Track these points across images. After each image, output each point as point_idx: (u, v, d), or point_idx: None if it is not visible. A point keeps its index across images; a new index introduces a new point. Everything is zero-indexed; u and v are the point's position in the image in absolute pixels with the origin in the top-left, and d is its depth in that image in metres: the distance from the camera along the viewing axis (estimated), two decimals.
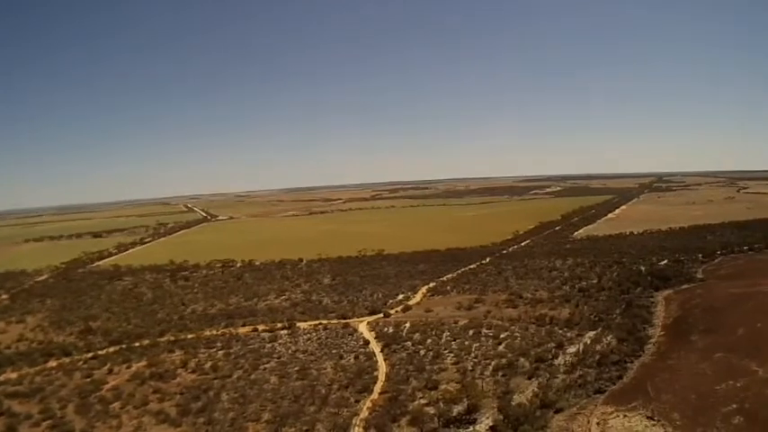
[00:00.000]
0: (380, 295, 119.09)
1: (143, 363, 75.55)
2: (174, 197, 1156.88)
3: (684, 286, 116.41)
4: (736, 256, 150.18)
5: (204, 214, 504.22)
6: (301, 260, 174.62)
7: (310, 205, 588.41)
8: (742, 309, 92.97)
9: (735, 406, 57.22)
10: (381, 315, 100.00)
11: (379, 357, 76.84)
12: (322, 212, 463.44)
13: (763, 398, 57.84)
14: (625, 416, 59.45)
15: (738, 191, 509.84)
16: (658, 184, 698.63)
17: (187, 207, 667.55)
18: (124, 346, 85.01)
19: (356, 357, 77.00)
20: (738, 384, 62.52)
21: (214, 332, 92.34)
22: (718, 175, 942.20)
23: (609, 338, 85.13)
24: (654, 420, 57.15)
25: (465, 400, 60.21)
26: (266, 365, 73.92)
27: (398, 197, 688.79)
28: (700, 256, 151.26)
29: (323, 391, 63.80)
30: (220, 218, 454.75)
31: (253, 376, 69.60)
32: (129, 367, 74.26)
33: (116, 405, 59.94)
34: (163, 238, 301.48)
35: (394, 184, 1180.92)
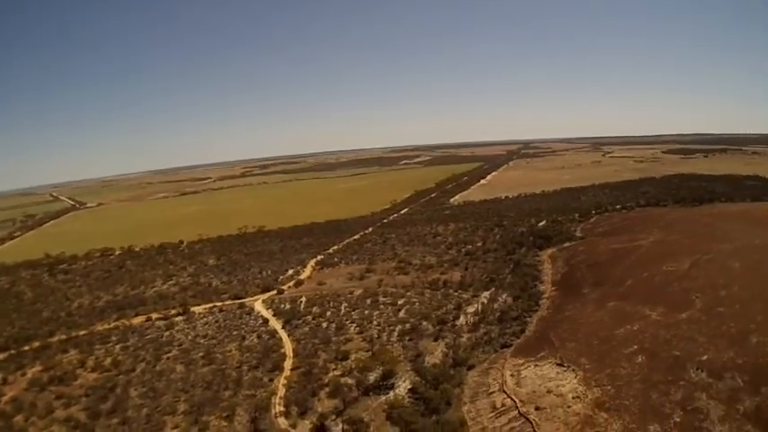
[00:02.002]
0: (270, 272, 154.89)
1: (38, 367, 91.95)
2: (36, 186, 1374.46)
3: (566, 244, 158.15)
4: (611, 214, 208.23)
5: (72, 202, 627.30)
6: (182, 242, 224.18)
7: (181, 186, 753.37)
8: (626, 262, 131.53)
9: (635, 347, 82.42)
10: (275, 292, 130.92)
11: (283, 334, 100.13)
12: (194, 192, 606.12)
13: (659, 337, 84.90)
14: (536, 365, 78.69)
15: (604, 155, 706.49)
16: (525, 151, 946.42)
17: (53, 196, 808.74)
18: (13, 351, 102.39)
19: (259, 337, 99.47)
20: (635, 328, 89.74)
21: (106, 326, 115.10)
22: (582, 141, 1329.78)
23: (504, 297, 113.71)
24: (564, 366, 76.89)
25: (379, 366, 79.92)
26: (169, 355, 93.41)
27: (270, 173, 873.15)
28: (576, 215, 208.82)
29: (234, 375, 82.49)
30: (89, 205, 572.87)
31: (157, 367, 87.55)
32: (23, 374, 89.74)
33: (19, 418, 72.55)
34: (33, 231, 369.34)
35: (264, 159, 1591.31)
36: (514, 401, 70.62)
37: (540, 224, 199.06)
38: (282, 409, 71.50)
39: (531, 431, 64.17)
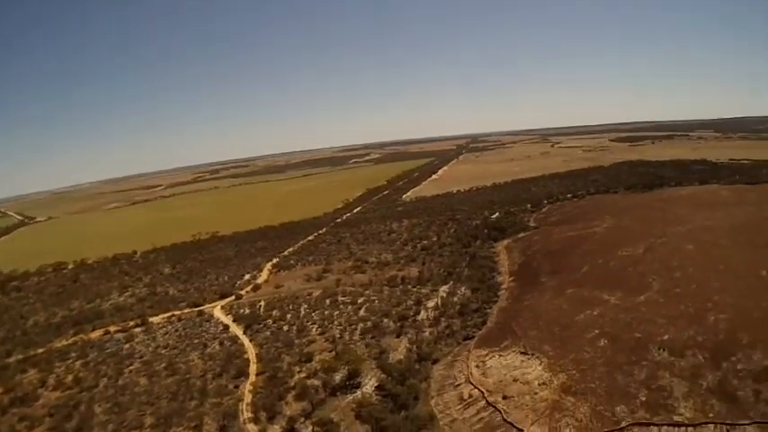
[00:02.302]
0: (226, 278, 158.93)
1: None
2: None
3: (521, 235, 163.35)
4: (562, 203, 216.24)
5: (20, 217, 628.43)
6: (135, 252, 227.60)
7: (131, 195, 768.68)
8: (581, 249, 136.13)
9: (597, 331, 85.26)
10: (233, 297, 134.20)
11: (244, 339, 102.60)
12: (146, 201, 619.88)
13: (619, 321, 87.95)
14: (500, 355, 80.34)
15: (552, 146, 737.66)
16: (475, 145, 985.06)
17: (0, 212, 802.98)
18: None
19: (221, 344, 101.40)
20: (595, 313, 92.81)
21: (65, 342, 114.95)
22: (531, 132, 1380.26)
23: (463, 289, 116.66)
24: (528, 354, 78.88)
25: (344, 366, 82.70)
26: (131, 368, 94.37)
27: (221, 177, 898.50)
28: (528, 206, 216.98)
29: (198, 384, 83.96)
30: (39, 219, 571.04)
31: (120, 382, 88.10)
32: None
33: None
34: None
35: (214, 164, 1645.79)
36: (482, 392, 71.93)
37: (494, 216, 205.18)
38: (251, 415, 72.98)
39: (500, 420, 65.38)
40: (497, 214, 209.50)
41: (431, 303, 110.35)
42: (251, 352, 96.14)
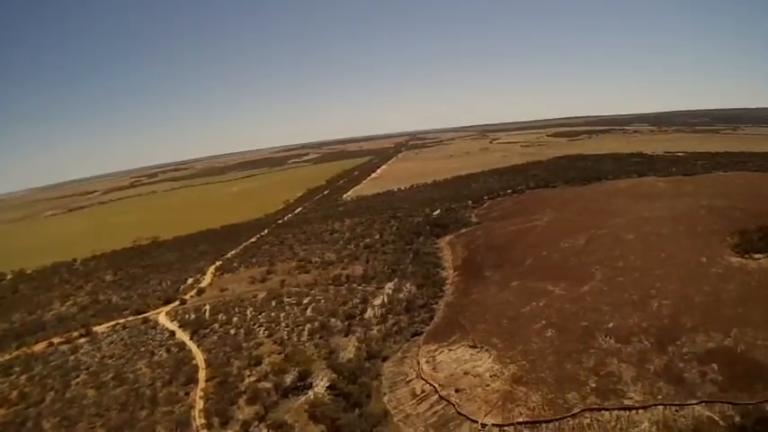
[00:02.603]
0: (169, 283, 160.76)
1: None
2: None
3: (463, 230, 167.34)
4: (503, 198, 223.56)
5: None
6: (75, 260, 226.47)
7: (68, 201, 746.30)
8: (523, 242, 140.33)
9: (544, 322, 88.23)
10: (178, 303, 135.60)
11: (192, 345, 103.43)
12: (83, 207, 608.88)
13: (565, 311, 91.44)
14: (450, 349, 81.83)
15: (491, 142, 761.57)
16: (414, 142, 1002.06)
17: None
18: None
19: (168, 351, 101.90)
20: (541, 304, 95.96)
21: (7, 356, 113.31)
22: (470, 129, 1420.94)
23: (408, 286, 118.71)
24: (477, 348, 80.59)
25: (294, 367, 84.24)
26: (78, 380, 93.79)
27: (159, 181, 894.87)
28: (469, 202, 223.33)
29: (148, 393, 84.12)
30: None
31: (68, 395, 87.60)
32: None
33: None
34: None
35: (151, 168, 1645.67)
36: (433, 386, 73.15)
37: (435, 213, 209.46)
38: (203, 421, 73.92)
39: (454, 413, 66.63)
40: (439, 211, 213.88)
41: (377, 301, 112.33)
42: (199, 357, 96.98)
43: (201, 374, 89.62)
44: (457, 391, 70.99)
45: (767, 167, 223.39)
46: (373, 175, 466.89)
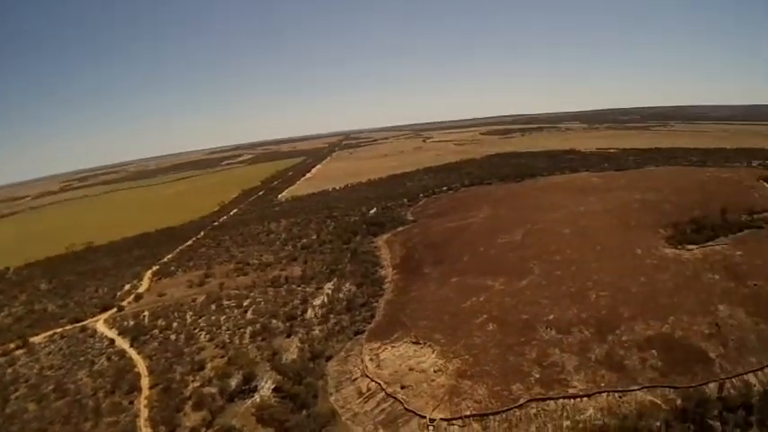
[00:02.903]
0: (106, 289, 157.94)
1: None
2: None
3: (400, 228, 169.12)
4: (438, 196, 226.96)
5: None
6: (8, 269, 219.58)
7: None
8: (461, 239, 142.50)
9: (485, 316, 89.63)
10: (116, 310, 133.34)
11: (132, 353, 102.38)
12: (14, 213, 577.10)
13: (505, 305, 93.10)
14: (393, 347, 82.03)
15: (425, 140, 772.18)
16: (347, 142, 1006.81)
17: None
18: None
19: (108, 359, 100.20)
20: (481, 299, 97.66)
21: None
22: (403, 128, 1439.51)
23: (348, 285, 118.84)
24: (420, 344, 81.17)
25: (238, 371, 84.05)
26: (17, 393, 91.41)
27: (91, 185, 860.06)
28: (405, 200, 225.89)
29: (91, 404, 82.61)
30: None
31: (8, 410, 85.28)
32: None
33: None
34: None
35: (82, 171, 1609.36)
36: (379, 384, 73.19)
37: (372, 212, 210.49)
38: (150, 430, 73.18)
39: (401, 409, 66.79)
40: (375, 210, 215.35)
41: (317, 301, 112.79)
42: (141, 365, 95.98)
43: (144, 382, 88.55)
44: (403, 387, 71.21)
45: (697, 162, 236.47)
46: (308, 175, 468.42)
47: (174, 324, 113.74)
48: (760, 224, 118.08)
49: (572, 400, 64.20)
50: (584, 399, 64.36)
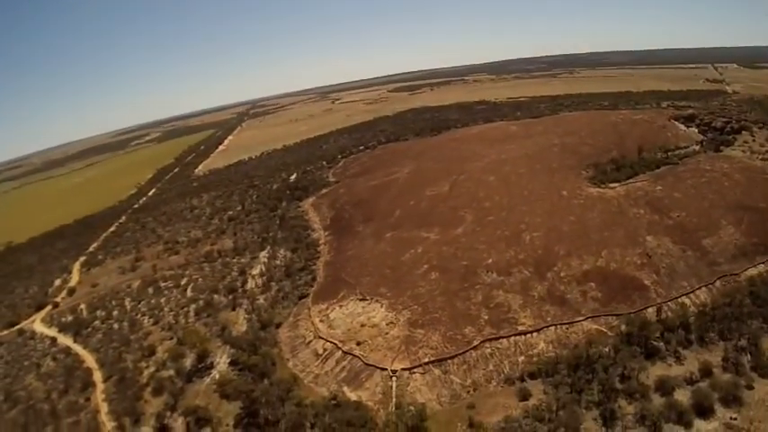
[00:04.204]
0: (36, 288, 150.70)
1: None
2: None
3: (324, 191, 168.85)
4: (357, 156, 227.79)
5: None
6: None
7: None
8: (388, 195, 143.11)
9: (426, 266, 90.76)
10: (50, 307, 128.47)
11: (78, 348, 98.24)
12: None
13: (443, 253, 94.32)
14: (340, 306, 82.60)
15: (333, 102, 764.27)
16: (255, 111, 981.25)
17: None
18: None
19: (54, 359, 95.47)
20: (419, 250, 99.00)
21: None
22: (309, 92, 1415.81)
23: (282, 252, 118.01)
24: (367, 300, 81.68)
25: (191, 350, 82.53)
26: None
27: None
28: (324, 163, 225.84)
29: (46, 407, 78.62)
30: None
31: None
32: None
33: None
34: None
35: None
36: (334, 344, 73.78)
37: (292, 177, 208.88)
38: (114, 424, 70.59)
39: (361, 365, 67.65)
40: (295, 175, 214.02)
41: (255, 271, 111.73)
42: (89, 359, 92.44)
43: (97, 376, 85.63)
44: (358, 344, 72.06)
45: (608, 106, 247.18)
46: (221, 147, 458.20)
47: (115, 313, 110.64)
48: (675, 161, 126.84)
49: (523, 337, 67.25)
50: (534, 334, 67.59)
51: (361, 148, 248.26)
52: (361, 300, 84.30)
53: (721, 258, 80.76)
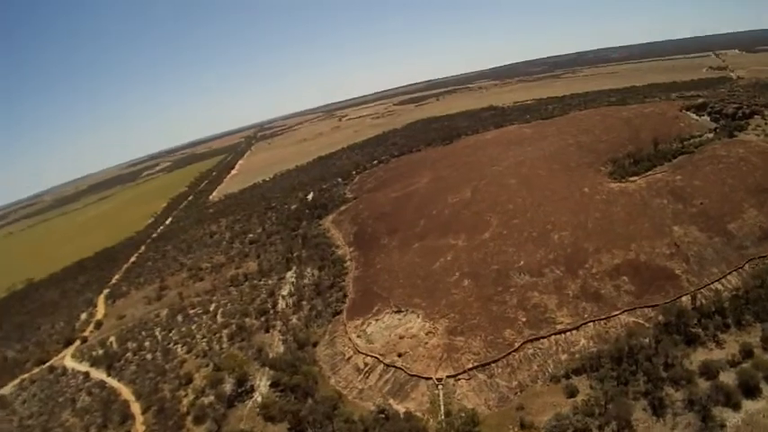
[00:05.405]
0: (62, 323, 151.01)
1: None
2: None
3: (343, 207, 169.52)
4: (372, 170, 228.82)
5: None
6: None
7: None
8: (410, 206, 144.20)
9: (457, 274, 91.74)
10: (79, 342, 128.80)
11: (112, 382, 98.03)
12: None
13: (474, 259, 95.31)
14: (376, 320, 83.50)
15: (340, 119, 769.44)
16: (262, 133, 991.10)
17: None
18: None
19: (89, 393, 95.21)
20: (449, 258, 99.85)
21: None
22: (314, 111, 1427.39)
23: (309, 270, 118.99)
24: (402, 312, 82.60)
25: (229, 375, 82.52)
26: None
27: (11, 222, 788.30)
28: (339, 180, 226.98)
29: None
30: None
31: None
32: None
33: None
34: None
35: None
36: (375, 357, 74.50)
37: (310, 196, 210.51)
38: None
39: (405, 376, 68.47)
40: (312, 193, 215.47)
41: (284, 291, 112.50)
42: (125, 391, 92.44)
43: (135, 408, 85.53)
44: (400, 355, 72.90)
45: (616, 102, 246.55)
46: (233, 171, 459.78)
47: (146, 343, 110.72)
48: (691, 149, 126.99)
49: (563, 335, 67.91)
50: (573, 331, 68.23)
51: (375, 162, 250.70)
52: (396, 312, 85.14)
53: (747, 242, 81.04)
